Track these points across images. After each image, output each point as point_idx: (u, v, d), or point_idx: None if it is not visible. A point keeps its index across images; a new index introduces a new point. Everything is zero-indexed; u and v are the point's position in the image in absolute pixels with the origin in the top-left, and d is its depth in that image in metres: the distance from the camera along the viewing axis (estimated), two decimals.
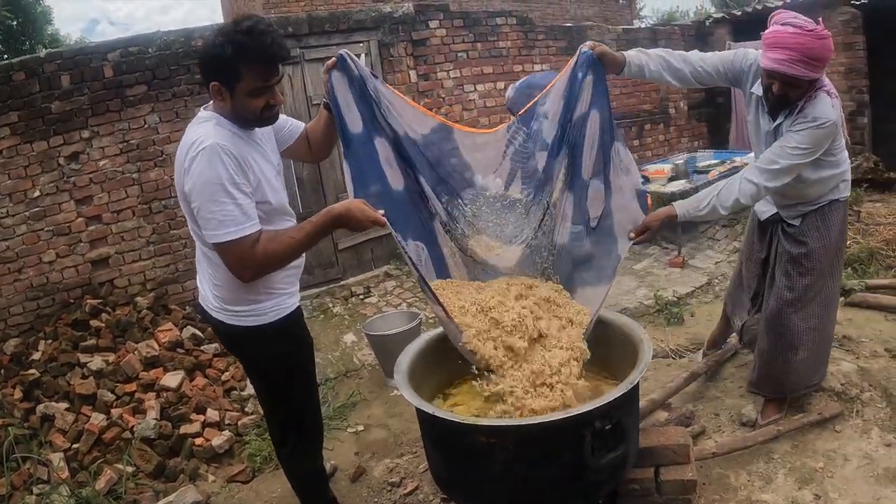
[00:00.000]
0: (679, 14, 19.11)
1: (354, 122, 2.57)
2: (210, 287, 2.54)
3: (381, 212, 2.30)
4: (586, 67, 2.67)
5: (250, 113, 2.29)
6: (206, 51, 2.22)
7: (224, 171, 2.17)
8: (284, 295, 2.58)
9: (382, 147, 2.60)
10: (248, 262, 2.24)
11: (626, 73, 2.89)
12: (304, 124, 2.77)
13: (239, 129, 2.33)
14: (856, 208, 6.55)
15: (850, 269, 5.45)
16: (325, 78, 2.54)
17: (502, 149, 2.76)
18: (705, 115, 9.48)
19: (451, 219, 2.75)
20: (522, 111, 2.78)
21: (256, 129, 2.43)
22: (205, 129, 2.25)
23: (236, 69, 2.18)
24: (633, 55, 2.89)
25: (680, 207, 2.94)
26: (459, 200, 2.76)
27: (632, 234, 2.82)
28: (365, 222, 2.25)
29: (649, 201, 2.89)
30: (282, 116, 2.61)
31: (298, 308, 2.70)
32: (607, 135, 2.69)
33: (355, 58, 2.55)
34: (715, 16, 9.30)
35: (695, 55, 3.05)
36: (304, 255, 2.55)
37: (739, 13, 8.80)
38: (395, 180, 2.65)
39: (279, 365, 2.65)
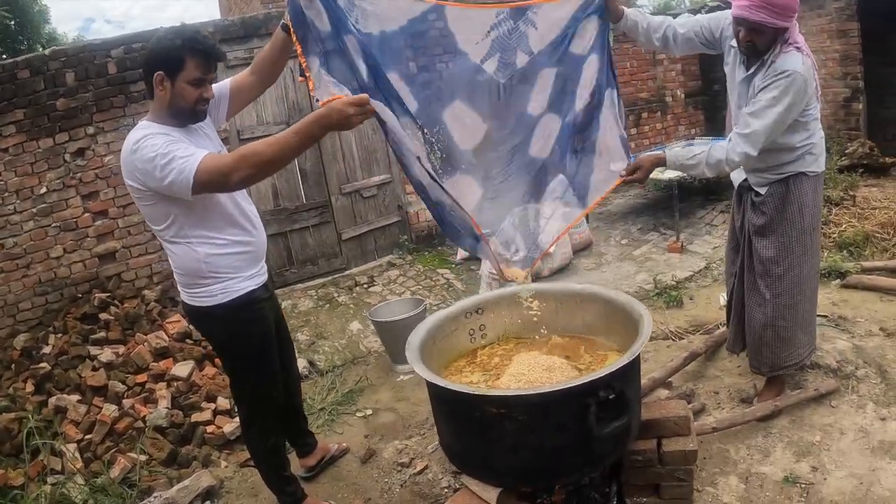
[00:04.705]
0: (675, 2, 19.10)
1: (324, 24, 2.56)
2: (174, 272, 2.82)
3: (365, 95, 2.35)
4: (594, 11, 3.02)
5: (185, 102, 2.55)
6: (157, 44, 2.53)
7: (155, 144, 2.41)
8: (234, 279, 2.78)
9: (351, 43, 2.59)
10: (226, 167, 2.38)
11: (621, 25, 3.21)
12: (229, 80, 2.94)
13: (171, 129, 2.55)
14: (851, 192, 6.63)
15: (845, 251, 5.54)
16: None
17: (487, 28, 2.90)
18: (702, 102, 9.57)
19: (426, 93, 2.84)
20: (514, 5, 2.93)
21: (190, 125, 2.66)
22: (136, 132, 2.52)
23: (181, 59, 2.48)
24: (631, 13, 3.23)
25: (670, 154, 3.14)
26: (435, 67, 2.89)
27: (623, 172, 3.13)
28: (345, 110, 2.26)
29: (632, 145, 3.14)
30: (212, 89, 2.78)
31: (253, 292, 2.85)
32: (604, 78, 3.08)
33: None
34: (710, 3, 9.35)
35: (677, 22, 3.26)
36: (257, 244, 2.86)
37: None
38: (365, 77, 2.65)
39: (233, 345, 2.91)
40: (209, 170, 2.38)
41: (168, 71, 2.50)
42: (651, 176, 6.80)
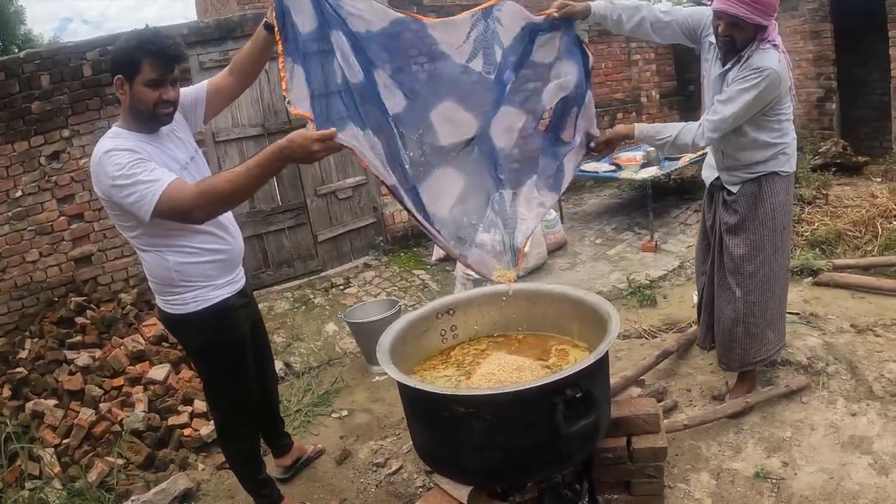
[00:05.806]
0: (652, 1, 19.28)
1: (307, 22, 2.52)
2: (148, 279, 2.78)
3: (332, 129, 2.26)
4: (556, 25, 3.11)
5: (143, 105, 2.48)
6: (116, 48, 2.49)
7: (119, 163, 2.36)
8: (207, 287, 2.73)
9: (338, 41, 2.56)
10: (186, 204, 2.34)
11: (591, 20, 3.24)
12: (206, 82, 2.91)
13: (139, 135, 2.52)
14: (824, 191, 6.72)
15: (818, 249, 5.62)
16: None
17: (467, 30, 2.96)
18: (676, 103, 9.64)
19: (412, 94, 2.83)
20: (485, 5, 3.01)
21: (161, 129, 2.61)
22: (104, 141, 2.47)
23: (137, 61, 2.43)
24: (599, 7, 3.19)
25: (638, 130, 3.23)
26: (420, 67, 2.90)
27: (592, 145, 3.21)
28: (308, 146, 2.21)
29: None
30: (185, 91, 2.76)
31: (227, 300, 2.81)
32: (579, 80, 3.19)
33: None
34: (686, 5, 9.42)
35: (657, 10, 3.28)
36: (232, 251, 2.82)
37: (710, 1, 8.92)
38: (353, 74, 2.61)
39: (207, 353, 2.87)
40: (171, 204, 2.34)
41: (126, 74, 2.45)
42: (626, 176, 6.97)
